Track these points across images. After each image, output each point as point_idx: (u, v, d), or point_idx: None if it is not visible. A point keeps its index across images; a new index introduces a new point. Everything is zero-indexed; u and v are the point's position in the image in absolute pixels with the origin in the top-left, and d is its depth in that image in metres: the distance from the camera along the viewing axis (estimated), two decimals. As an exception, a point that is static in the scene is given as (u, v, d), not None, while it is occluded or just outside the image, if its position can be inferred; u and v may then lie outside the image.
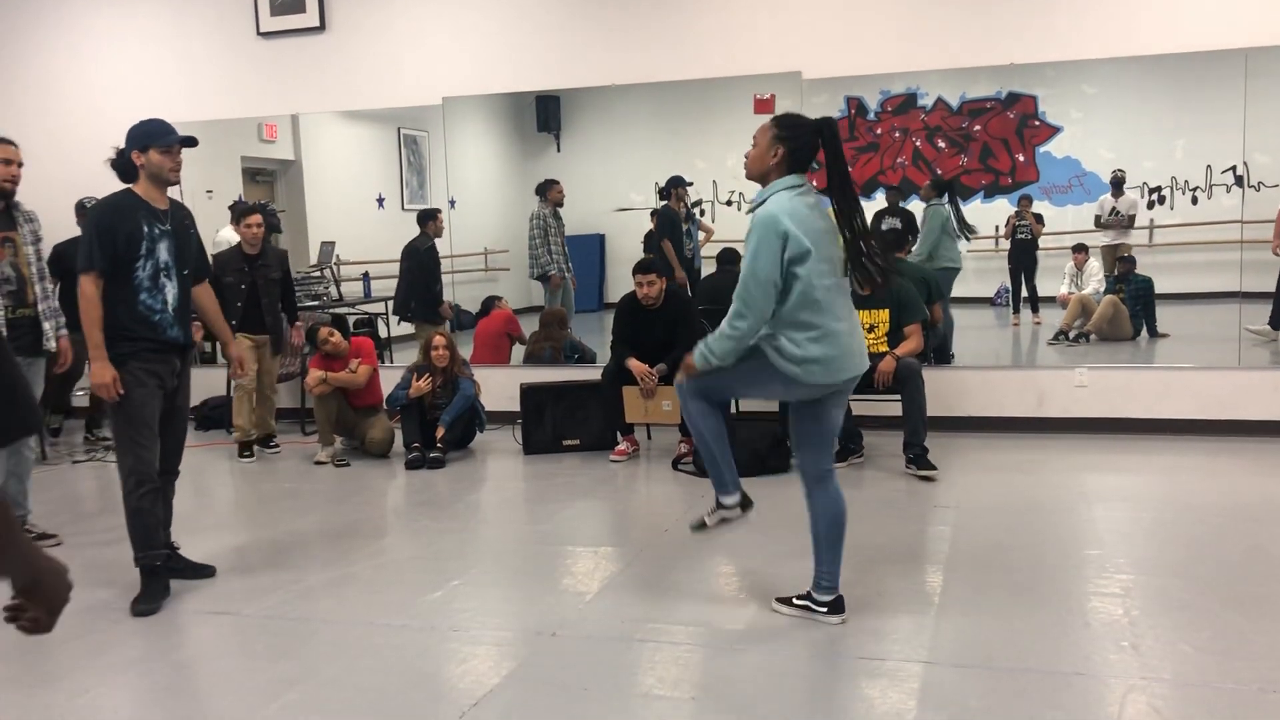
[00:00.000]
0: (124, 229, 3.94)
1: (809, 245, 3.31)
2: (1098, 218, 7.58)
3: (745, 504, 3.74)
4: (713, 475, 3.70)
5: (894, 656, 3.31)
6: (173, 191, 4.19)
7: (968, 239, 7.59)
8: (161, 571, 4.08)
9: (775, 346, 3.39)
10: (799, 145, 3.40)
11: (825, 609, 3.60)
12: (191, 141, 4.06)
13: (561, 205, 8.24)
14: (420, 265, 7.97)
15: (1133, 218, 7.47)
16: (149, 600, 4.00)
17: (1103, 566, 4.10)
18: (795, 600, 3.68)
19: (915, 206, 7.59)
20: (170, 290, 4.06)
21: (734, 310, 3.36)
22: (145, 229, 3.98)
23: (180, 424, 4.25)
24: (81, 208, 6.82)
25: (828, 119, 3.42)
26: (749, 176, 3.52)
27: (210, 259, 6.85)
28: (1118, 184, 7.41)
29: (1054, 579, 3.98)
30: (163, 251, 4.02)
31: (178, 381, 4.14)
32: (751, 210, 3.47)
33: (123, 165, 4.04)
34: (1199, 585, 3.86)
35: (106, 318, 3.94)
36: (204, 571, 4.34)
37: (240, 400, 6.72)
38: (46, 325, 4.84)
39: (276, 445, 7.02)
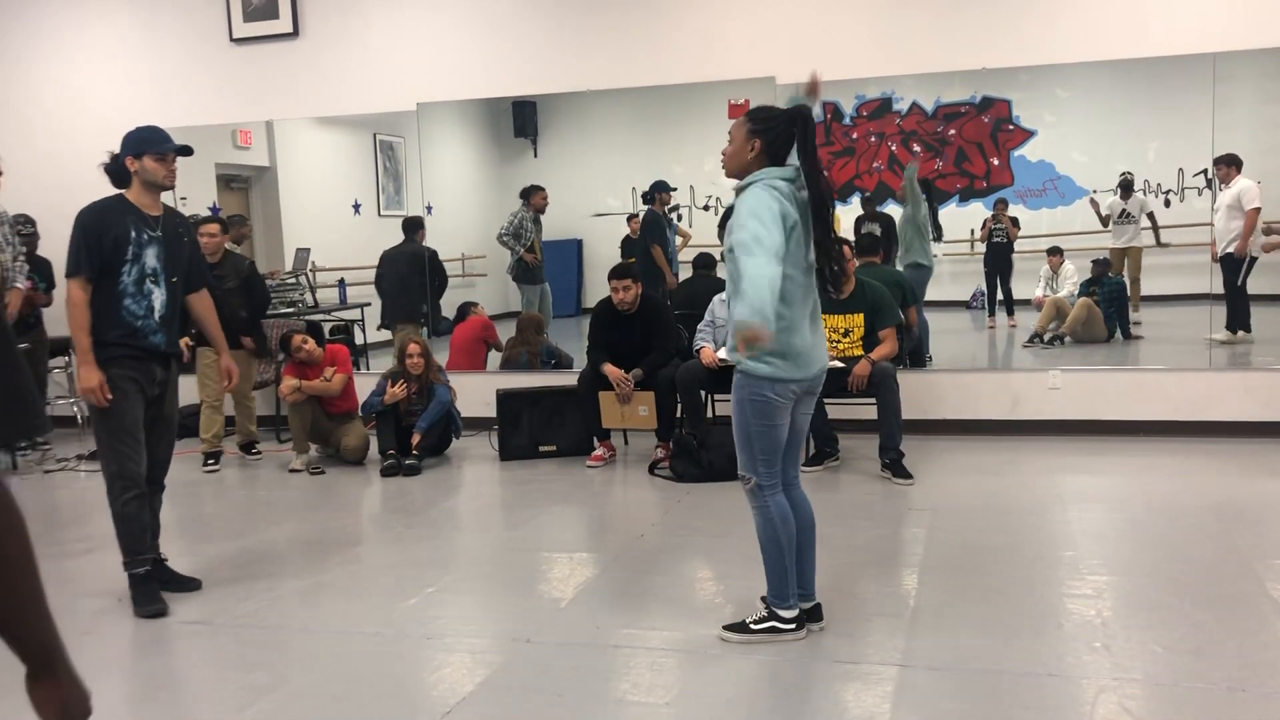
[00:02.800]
0: (111, 233, 3.93)
1: (791, 231, 3.23)
2: (1106, 219, 7.63)
3: (812, 616, 3.52)
4: (772, 580, 3.44)
5: (868, 660, 3.32)
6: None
7: (937, 238, 7.63)
8: (151, 576, 4.08)
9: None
10: (775, 136, 3.33)
11: (792, 625, 3.44)
12: (187, 150, 4.09)
13: (543, 212, 8.25)
14: (398, 272, 8.02)
15: (1149, 216, 7.54)
16: (150, 601, 4.00)
17: (1076, 568, 4.12)
18: (753, 625, 3.48)
19: (894, 210, 7.62)
20: (157, 297, 4.04)
21: (742, 261, 3.11)
22: (133, 234, 3.97)
23: (168, 435, 4.23)
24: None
25: (801, 107, 3.34)
26: (727, 174, 3.43)
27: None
28: (1126, 186, 7.47)
29: (1028, 581, 4.00)
30: (150, 257, 4.01)
31: (160, 390, 4.09)
32: (738, 192, 3.34)
33: (116, 170, 4.04)
34: (1170, 586, 3.89)
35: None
36: (190, 584, 4.28)
37: (209, 414, 6.66)
38: None
39: (259, 452, 6.97)
